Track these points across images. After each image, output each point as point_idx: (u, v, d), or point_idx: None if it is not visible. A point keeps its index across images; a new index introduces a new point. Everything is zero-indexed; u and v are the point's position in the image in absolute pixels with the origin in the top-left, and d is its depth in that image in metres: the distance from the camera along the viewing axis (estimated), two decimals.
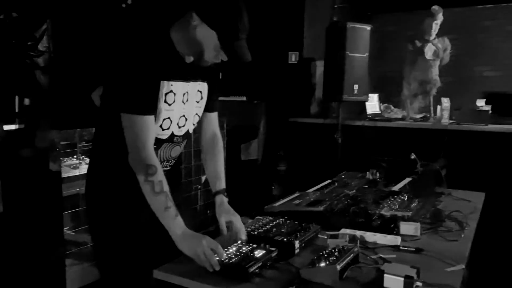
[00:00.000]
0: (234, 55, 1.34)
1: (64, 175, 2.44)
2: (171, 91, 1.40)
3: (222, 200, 1.59)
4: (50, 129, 2.29)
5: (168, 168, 1.57)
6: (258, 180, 3.89)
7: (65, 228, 2.48)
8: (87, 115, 3.75)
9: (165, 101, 1.40)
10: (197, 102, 1.53)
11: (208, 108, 1.61)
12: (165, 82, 1.38)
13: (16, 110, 3.90)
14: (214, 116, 1.67)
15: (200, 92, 1.53)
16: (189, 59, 1.40)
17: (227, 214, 1.54)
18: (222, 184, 1.64)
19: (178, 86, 1.42)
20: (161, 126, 1.42)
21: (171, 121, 1.45)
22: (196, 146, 3.34)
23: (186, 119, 1.50)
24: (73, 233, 2.72)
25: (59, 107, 4.01)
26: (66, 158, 2.72)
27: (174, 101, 1.42)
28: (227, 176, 1.62)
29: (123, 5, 4.54)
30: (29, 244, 2.22)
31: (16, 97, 3.90)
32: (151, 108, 1.37)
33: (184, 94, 1.44)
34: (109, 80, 1.43)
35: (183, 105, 1.46)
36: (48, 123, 3.88)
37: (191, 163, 3.30)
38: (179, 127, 1.49)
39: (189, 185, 3.26)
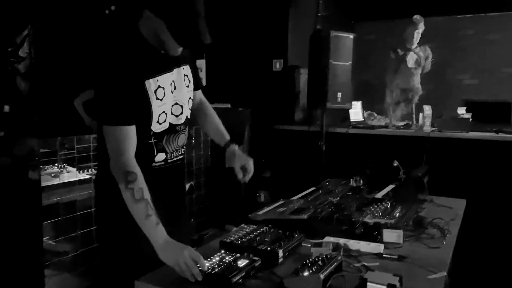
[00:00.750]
0: (187, 46, 1.40)
1: (44, 183, 2.39)
2: (159, 86, 1.42)
3: (232, 150, 1.71)
4: (30, 137, 2.25)
5: (181, 157, 1.62)
6: (243, 187, 3.88)
7: (45, 238, 2.43)
8: (68, 123, 3.70)
9: (157, 98, 1.42)
10: (187, 86, 1.56)
11: (194, 87, 1.64)
12: (151, 81, 1.40)
13: None
14: (199, 92, 1.73)
15: (187, 75, 1.56)
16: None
17: (240, 159, 1.68)
18: (225, 137, 1.75)
19: (164, 79, 1.44)
20: (158, 121, 1.45)
21: (166, 114, 1.47)
22: None
23: (181, 107, 1.53)
24: (54, 243, 2.66)
25: (40, 114, 3.95)
26: (46, 166, 2.67)
27: (164, 95, 1.44)
28: (212, 184, 1.64)
29: (106, 11, 4.50)
30: (7, 253, 2.17)
31: None
32: (130, 116, 1.37)
33: (171, 84, 1.47)
34: (94, 88, 1.45)
35: (172, 94, 1.48)
36: (28, 130, 3.81)
37: None
38: (177, 116, 1.52)
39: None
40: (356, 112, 4.14)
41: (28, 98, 4.04)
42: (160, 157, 1.52)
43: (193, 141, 3.36)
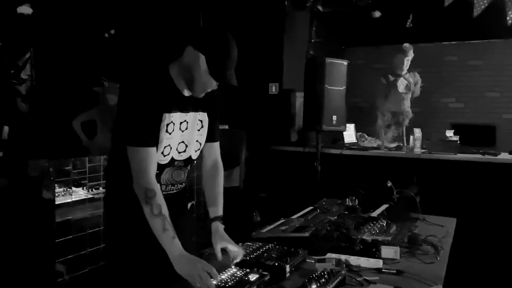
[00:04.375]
0: (221, 80, 1.49)
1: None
2: (171, 121, 1.54)
3: (217, 227, 1.68)
4: (44, 158, 2.31)
5: (175, 191, 1.66)
6: (239, 207, 3.94)
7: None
8: (63, 144, 3.75)
9: (167, 131, 1.53)
10: (198, 130, 1.65)
11: (210, 138, 1.73)
12: (167, 114, 1.52)
13: None
14: (216, 145, 1.78)
15: (201, 121, 1.65)
16: (188, 93, 1.56)
17: (221, 241, 1.61)
18: (218, 211, 1.73)
19: (176, 117, 1.55)
20: (162, 152, 1.54)
21: (171, 148, 1.56)
22: None
23: (186, 146, 1.61)
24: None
25: (41, 135, 4.00)
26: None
27: (173, 130, 1.55)
28: None
29: (106, 35, 4.63)
30: (19, 272, 2.18)
31: None
32: (153, 140, 1.49)
33: (181, 123, 1.57)
34: (118, 113, 1.55)
35: (181, 132, 1.58)
36: (26, 150, 3.85)
37: None
38: (179, 153, 1.60)
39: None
40: (349, 134, 4.28)
41: (28, 119, 4.10)
42: None
43: (194, 162, 3.44)
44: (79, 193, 2.71)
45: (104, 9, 4.41)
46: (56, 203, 2.44)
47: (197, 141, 1.66)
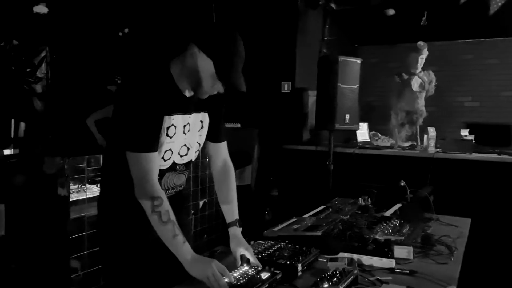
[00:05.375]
0: (230, 85, 1.41)
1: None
2: (172, 124, 1.46)
3: (235, 232, 1.62)
4: (59, 155, 2.35)
5: (173, 194, 1.61)
6: (251, 206, 3.95)
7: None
8: (78, 142, 3.80)
9: (167, 135, 1.45)
10: (198, 131, 1.59)
11: (215, 139, 1.68)
12: (167, 117, 1.43)
13: (12, 135, 3.95)
14: (223, 146, 1.71)
15: (201, 121, 1.59)
16: (190, 93, 1.48)
17: (239, 247, 1.56)
18: (234, 214, 1.67)
19: (178, 119, 1.47)
20: (162, 157, 1.47)
21: (172, 152, 1.50)
22: (194, 172, 3.41)
23: (188, 149, 1.56)
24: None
25: (56, 133, 4.06)
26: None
27: (174, 134, 1.48)
28: None
29: (120, 34, 4.68)
30: (34, 268, 2.21)
31: (12, 122, 3.96)
32: (154, 144, 1.41)
33: (185, 125, 1.51)
34: (114, 116, 1.47)
35: (185, 135, 1.52)
36: (43, 148, 3.92)
37: (189, 188, 3.36)
38: (181, 156, 1.55)
39: (188, 210, 3.32)
40: (362, 133, 4.26)
41: (43, 117, 4.17)
42: None
43: (207, 159, 3.47)
44: (93, 190, 2.74)
45: (118, 8, 4.46)
46: (70, 200, 2.48)
47: (197, 142, 1.60)
